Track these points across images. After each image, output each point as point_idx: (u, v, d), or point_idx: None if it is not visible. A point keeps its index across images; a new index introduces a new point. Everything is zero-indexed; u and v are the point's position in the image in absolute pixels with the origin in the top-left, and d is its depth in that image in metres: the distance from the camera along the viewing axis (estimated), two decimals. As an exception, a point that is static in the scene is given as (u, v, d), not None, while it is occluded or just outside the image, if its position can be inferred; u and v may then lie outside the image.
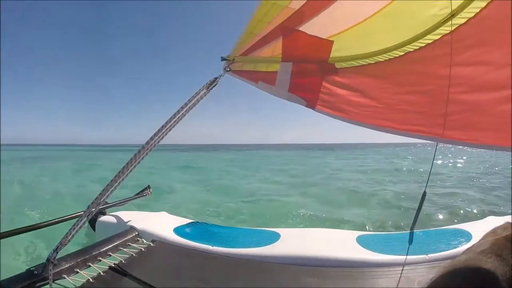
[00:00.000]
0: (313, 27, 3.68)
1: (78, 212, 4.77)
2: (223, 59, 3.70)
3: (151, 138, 3.08)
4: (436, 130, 3.60)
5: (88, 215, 3.24)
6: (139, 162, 3.09)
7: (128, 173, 3.17)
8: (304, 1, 3.54)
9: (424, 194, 3.22)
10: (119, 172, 3.03)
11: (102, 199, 3.23)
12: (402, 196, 16.94)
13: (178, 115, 3.19)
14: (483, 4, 3.07)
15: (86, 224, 4.96)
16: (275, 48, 3.70)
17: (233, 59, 3.67)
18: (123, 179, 3.19)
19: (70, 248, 3.69)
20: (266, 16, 3.54)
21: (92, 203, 3.06)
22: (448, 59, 3.33)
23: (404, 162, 43.58)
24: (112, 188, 3.23)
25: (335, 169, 30.33)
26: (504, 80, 3.12)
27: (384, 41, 3.69)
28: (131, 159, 3.03)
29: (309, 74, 3.94)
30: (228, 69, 3.70)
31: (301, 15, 3.60)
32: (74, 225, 3.23)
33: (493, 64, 3.19)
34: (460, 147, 3.70)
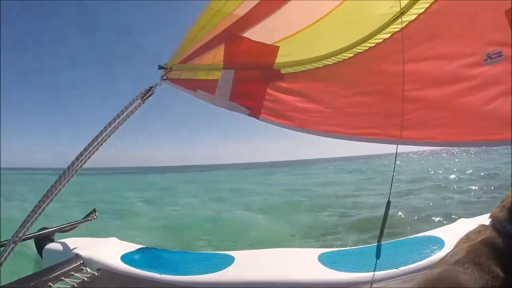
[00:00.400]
0: (258, 32, 3.55)
1: (3, 241, 4.26)
2: (160, 67, 3.51)
3: (77, 158, 2.68)
4: (393, 131, 3.48)
5: (14, 244, 2.80)
6: (64, 185, 2.68)
7: (53, 197, 2.75)
8: (250, 8, 3.41)
9: (389, 203, 3.03)
10: (42, 197, 2.60)
11: (26, 227, 2.80)
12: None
13: (109, 129, 2.90)
14: None
15: (35, 251, 4.76)
16: (217, 55, 3.55)
17: (171, 67, 3.49)
18: (47, 204, 2.77)
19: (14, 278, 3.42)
20: (210, 23, 3.40)
21: (16, 232, 2.62)
22: (400, 56, 3.24)
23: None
24: (36, 214, 2.82)
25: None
26: (461, 72, 3.08)
27: (333, 44, 3.60)
28: (54, 183, 2.62)
29: (253, 81, 3.79)
30: (165, 78, 3.49)
31: (246, 21, 3.47)
32: None
33: (447, 57, 3.15)
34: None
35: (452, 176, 27.35)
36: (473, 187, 19.08)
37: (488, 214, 1.92)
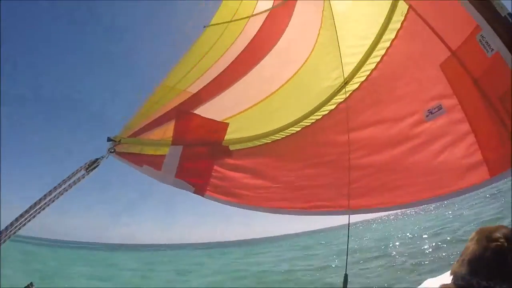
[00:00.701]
0: (209, 109, 3.68)
1: None
2: (109, 139, 3.45)
3: (11, 224, 2.53)
4: (342, 201, 3.48)
5: None
6: None
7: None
8: (203, 85, 3.61)
9: (346, 277, 3.01)
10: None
11: None
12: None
13: (48, 198, 2.73)
14: (372, 66, 3.28)
15: None
16: (166, 130, 3.59)
17: (119, 140, 3.43)
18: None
19: None
20: (163, 99, 3.51)
21: None
22: (345, 126, 3.39)
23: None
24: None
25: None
26: (405, 133, 3.19)
27: (281, 119, 3.75)
28: None
29: (200, 157, 3.81)
30: (112, 151, 3.41)
31: (198, 99, 3.62)
32: None
33: (391, 120, 3.28)
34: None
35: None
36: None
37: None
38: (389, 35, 3.17)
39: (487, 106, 2.57)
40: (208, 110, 3.64)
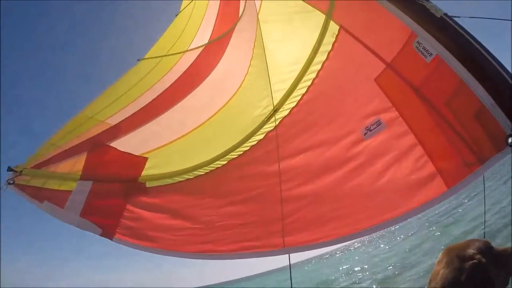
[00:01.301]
0: (127, 143, 3.37)
1: None
2: (9, 169, 3.06)
3: None
4: (275, 239, 3.02)
5: None
6: None
7: None
8: (124, 117, 3.38)
9: None
10: None
11: None
12: None
13: None
14: (303, 90, 3.07)
15: None
16: (76, 163, 3.21)
17: (21, 171, 3.03)
18: None
19: None
20: (78, 128, 3.25)
21: None
22: (275, 155, 3.09)
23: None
24: None
25: None
26: (342, 155, 2.86)
27: (206, 154, 3.42)
28: None
29: (112, 195, 3.35)
30: (11, 182, 3.00)
31: (117, 131, 3.36)
32: None
33: (325, 143, 2.97)
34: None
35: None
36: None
37: None
38: (320, 57, 3.01)
39: (433, 113, 2.37)
40: (126, 144, 3.33)
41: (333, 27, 2.84)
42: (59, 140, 3.16)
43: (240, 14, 3.51)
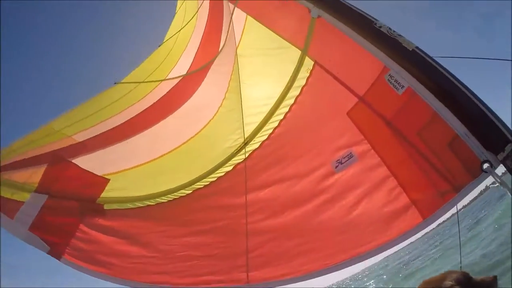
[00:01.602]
0: (91, 161, 3.23)
1: None
2: None
3: None
4: (238, 275, 2.84)
5: None
6: None
7: None
8: (92, 136, 3.28)
9: None
10: None
11: None
12: None
13: None
14: (275, 124, 3.04)
15: None
16: (34, 174, 3.02)
17: None
18: None
19: None
20: (43, 139, 3.11)
21: None
22: (242, 187, 2.98)
23: None
24: None
25: None
26: (312, 188, 2.78)
27: (171, 181, 3.29)
28: None
29: (66, 213, 3.15)
30: None
31: (82, 148, 3.24)
32: None
33: (295, 176, 2.89)
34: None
35: None
36: None
37: None
38: (294, 92, 3.03)
39: (405, 145, 2.36)
40: (89, 162, 3.19)
41: (308, 63, 2.89)
42: (20, 147, 3.00)
43: (220, 47, 3.53)
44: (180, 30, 3.97)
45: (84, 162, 3.17)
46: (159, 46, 3.98)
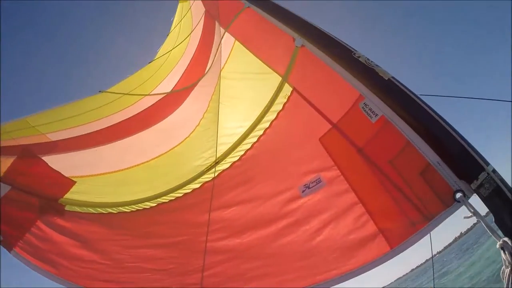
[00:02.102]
0: (60, 161, 3.22)
1: None
2: None
3: None
4: None
5: None
6: None
7: None
8: (66, 137, 3.30)
9: None
10: None
11: None
12: None
13: None
14: (248, 146, 3.01)
15: None
16: (1, 164, 3.00)
17: None
18: None
19: None
20: (16, 132, 3.13)
21: None
22: (207, 205, 2.91)
23: None
24: None
25: None
26: (278, 210, 2.68)
27: (137, 193, 3.23)
28: None
29: (26, 207, 3.06)
30: None
31: (53, 147, 3.26)
32: None
33: (260, 197, 2.81)
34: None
35: None
36: None
37: None
38: (270, 116, 3.04)
39: (376, 172, 2.29)
40: (58, 162, 3.18)
41: (287, 89, 2.93)
42: None
43: (206, 69, 3.58)
44: (171, 51, 4.05)
45: (53, 161, 3.14)
46: (149, 62, 4.03)
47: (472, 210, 1.89)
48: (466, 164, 1.93)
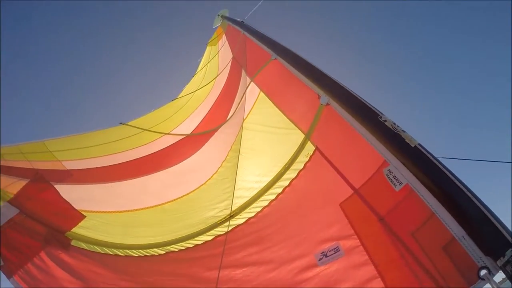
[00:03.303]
0: (72, 192, 3.17)
1: None
2: None
3: None
4: None
5: None
6: None
7: None
8: (81, 168, 3.25)
9: None
10: None
11: None
12: None
13: None
14: (265, 203, 2.95)
15: None
16: (13, 184, 2.96)
17: None
18: None
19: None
20: (32, 154, 3.09)
21: None
22: (216, 261, 2.79)
23: None
24: None
25: None
26: (291, 277, 2.54)
27: (146, 237, 3.17)
28: None
29: (31, 235, 2.97)
30: None
31: (67, 176, 3.20)
32: None
33: (274, 261, 2.68)
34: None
35: None
36: None
37: None
38: (290, 174, 3.00)
39: (397, 244, 2.18)
40: (69, 192, 3.12)
41: (309, 147, 2.91)
42: (8, 154, 2.98)
43: (229, 116, 3.57)
44: (195, 92, 4.10)
45: (65, 191, 3.10)
46: (172, 100, 4.07)
47: None
48: (493, 240, 1.82)
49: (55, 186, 3.11)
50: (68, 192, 3.13)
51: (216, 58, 5.08)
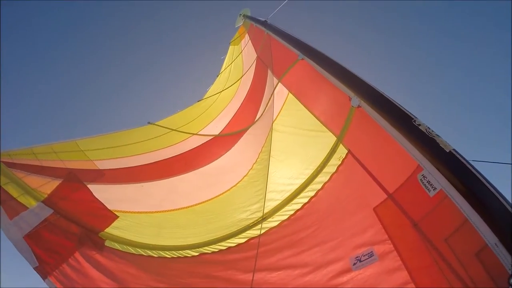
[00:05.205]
0: (105, 192, 3.26)
1: None
2: None
3: None
4: None
5: None
6: None
7: None
8: (114, 167, 3.35)
9: None
10: None
11: None
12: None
13: None
14: (298, 206, 2.98)
15: None
16: (46, 185, 3.04)
17: None
18: None
19: None
20: (65, 154, 3.18)
21: None
22: (250, 264, 2.85)
23: None
24: None
25: None
26: (326, 282, 2.59)
27: (179, 238, 3.24)
28: None
29: (66, 235, 3.07)
30: None
31: (100, 176, 3.29)
32: None
33: (308, 265, 2.73)
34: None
35: None
36: None
37: None
38: (323, 177, 3.05)
39: (430, 250, 2.20)
40: (102, 192, 3.22)
41: (342, 150, 2.95)
42: (41, 153, 3.05)
43: (257, 117, 3.63)
44: (221, 92, 4.18)
45: (98, 191, 3.18)
46: (198, 101, 4.16)
47: None
48: (524, 247, 1.88)
49: (88, 185, 3.18)
50: (100, 192, 3.21)
51: (239, 58, 5.16)
